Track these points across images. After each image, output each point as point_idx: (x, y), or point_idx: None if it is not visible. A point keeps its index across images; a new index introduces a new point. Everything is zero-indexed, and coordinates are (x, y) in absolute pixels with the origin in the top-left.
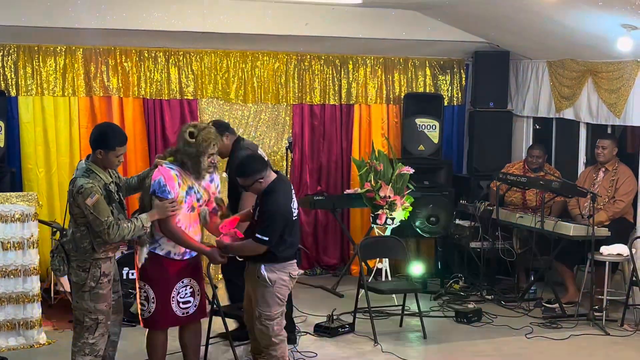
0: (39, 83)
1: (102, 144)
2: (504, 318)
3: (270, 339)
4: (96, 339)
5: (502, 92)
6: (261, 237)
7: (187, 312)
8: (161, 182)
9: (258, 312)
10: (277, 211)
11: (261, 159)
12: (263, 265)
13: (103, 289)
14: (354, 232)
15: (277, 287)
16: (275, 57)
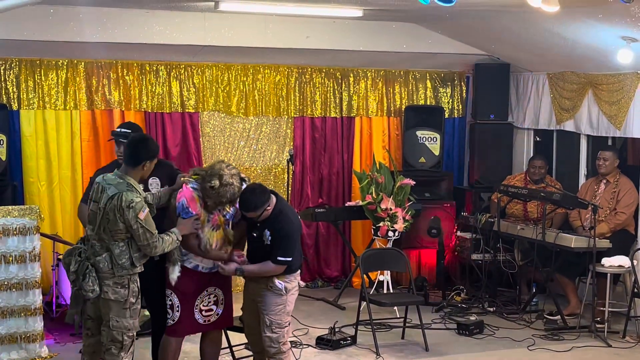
0: (41, 96)
1: (149, 155)
2: (506, 330)
3: (280, 347)
4: (129, 356)
5: (503, 104)
6: (284, 259)
7: (209, 319)
8: (184, 204)
9: (269, 321)
10: (293, 230)
11: (262, 188)
12: (276, 278)
13: (136, 304)
14: (355, 244)
15: (289, 295)
16: (277, 70)
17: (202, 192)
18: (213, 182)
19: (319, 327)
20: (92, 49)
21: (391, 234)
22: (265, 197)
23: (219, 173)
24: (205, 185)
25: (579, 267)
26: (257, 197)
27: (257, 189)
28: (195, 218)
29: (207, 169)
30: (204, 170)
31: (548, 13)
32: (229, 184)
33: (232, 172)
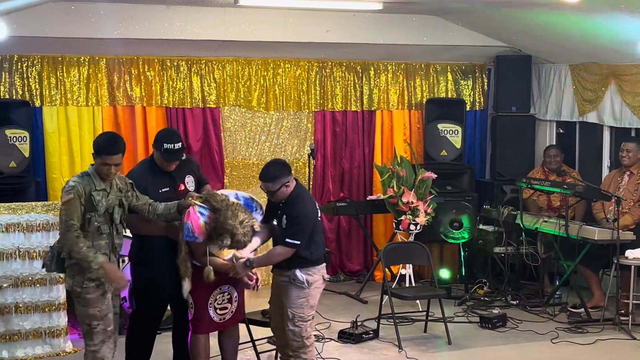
0: (63, 93)
1: (94, 149)
2: (529, 323)
3: (303, 340)
4: (97, 346)
5: (525, 97)
6: (292, 241)
7: (224, 317)
8: (190, 228)
9: (291, 314)
10: (306, 215)
11: (284, 163)
12: (298, 270)
13: (90, 293)
14: (377, 238)
15: (313, 289)
16: (297, 64)
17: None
18: (224, 240)
19: (341, 321)
20: (113, 45)
21: (413, 228)
22: (285, 170)
23: (232, 232)
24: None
25: (602, 259)
26: (276, 168)
27: (278, 161)
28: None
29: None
30: (217, 203)
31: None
32: (240, 242)
33: (246, 230)
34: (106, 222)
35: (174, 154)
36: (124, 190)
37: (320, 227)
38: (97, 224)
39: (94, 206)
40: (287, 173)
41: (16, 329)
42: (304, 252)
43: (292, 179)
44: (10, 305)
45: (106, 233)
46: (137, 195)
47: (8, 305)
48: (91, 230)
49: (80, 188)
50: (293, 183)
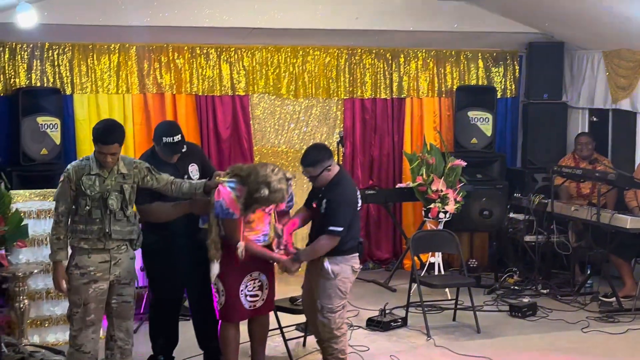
0: (94, 81)
1: (93, 138)
2: (560, 312)
3: (332, 331)
4: (76, 332)
5: (557, 84)
6: (334, 228)
7: (255, 305)
8: (223, 205)
9: (320, 305)
10: (345, 201)
11: (325, 147)
12: (326, 258)
13: (73, 281)
14: (406, 226)
15: (340, 279)
16: (326, 51)
17: (247, 196)
18: (262, 191)
19: (369, 309)
20: (143, 32)
21: (442, 216)
22: (325, 154)
23: (266, 181)
24: (253, 194)
25: (634, 248)
26: (316, 153)
27: (319, 145)
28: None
29: (249, 171)
30: (244, 171)
31: None
32: (278, 190)
33: (279, 177)
34: (99, 207)
35: (174, 146)
36: (132, 177)
37: (358, 218)
38: (88, 207)
39: (84, 191)
40: (328, 157)
41: (47, 315)
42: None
43: (334, 164)
44: (41, 291)
45: (98, 218)
46: (157, 178)
47: (39, 291)
48: (83, 214)
49: (72, 173)
50: (335, 168)
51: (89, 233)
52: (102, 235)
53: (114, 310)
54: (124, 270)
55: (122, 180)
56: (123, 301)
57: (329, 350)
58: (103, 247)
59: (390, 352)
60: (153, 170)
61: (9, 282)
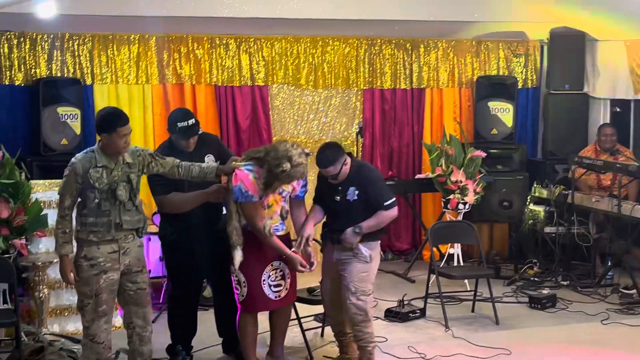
0: (114, 71)
1: (103, 128)
2: (580, 304)
3: (367, 314)
4: (88, 322)
5: (578, 74)
6: (390, 201)
7: (280, 295)
8: (242, 188)
9: (354, 288)
10: (380, 175)
11: (337, 144)
12: (360, 244)
13: (82, 272)
14: (426, 217)
15: (373, 263)
16: (346, 42)
17: (267, 174)
18: (284, 165)
19: (388, 300)
20: (162, 23)
21: (461, 207)
22: (340, 150)
23: (287, 155)
24: (274, 170)
25: None
26: (333, 151)
27: (331, 144)
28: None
29: (267, 150)
30: (260, 152)
31: None
32: (299, 164)
33: (299, 151)
34: (108, 199)
35: (190, 129)
36: (136, 165)
37: None
38: (97, 200)
39: (91, 183)
40: (342, 152)
41: (66, 304)
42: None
43: (346, 156)
44: (61, 281)
45: (107, 210)
46: (161, 163)
47: (59, 280)
48: (92, 206)
49: (79, 166)
50: (349, 159)
51: (99, 225)
52: (112, 226)
53: (131, 298)
54: (134, 259)
55: (128, 169)
56: (138, 288)
57: (360, 335)
58: (112, 238)
59: (408, 343)
60: (157, 155)
61: (29, 272)
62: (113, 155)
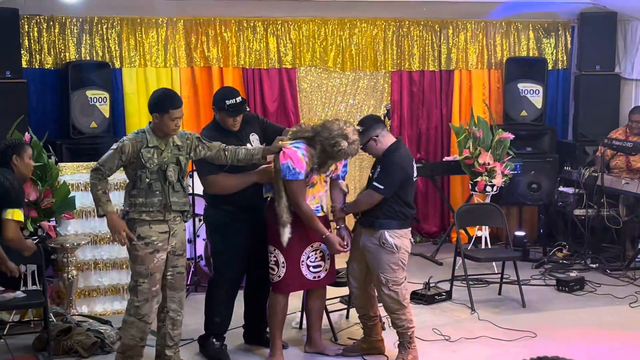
0: (142, 54)
1: (156, 108)
2: (608, 287)
3: (400, 302)
4: (140, 302)
5: (610, 55)
6: (377, 185)
7: (318, 276)
8: (290, 165)
9: (385, 279)
10: (395, 162)
11: (374, 117)
12: (387, 232)
13: (138, 251)
14: (453, 200)
15: (402, 252)
16: (374, 23)
17: (318, 144)
18: (342, 144)
19: (414, 282)
20: (190, 6)
21: (489, 189)
22: (371, 123)
23: (343, 133)
24: (330, 135)
25: None
26: (364, 124)
27: (367, 116)
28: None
29: (317, 130)
30: (308, 132)
31: None
32: (354, 141)
33: (352, 129)
34: (159, 179)
35: (239, 107)
36: (185, 148)
37: (413, 189)
38: (149, 180)
39: (143, 163)
40: (374, 126)
41: (95, 285)
42: (395, 207)
43: (385, 134)
44: (89, 262)
45: (158, 190)
46: (208, 146)
47: (87, 262)
48: (143, 187)
49: (129, 146)
50: (387, 139)
51: (149, 205)
52: (162, 207)
53: (168, 282)
54: (179, 242)
55: (178, 151)
56: (177, 272)
57: (398, 322)
58: (163, 219)
59: (434, 326)
60: (203, 139)
61: (58, 253)
62: (163, 137)
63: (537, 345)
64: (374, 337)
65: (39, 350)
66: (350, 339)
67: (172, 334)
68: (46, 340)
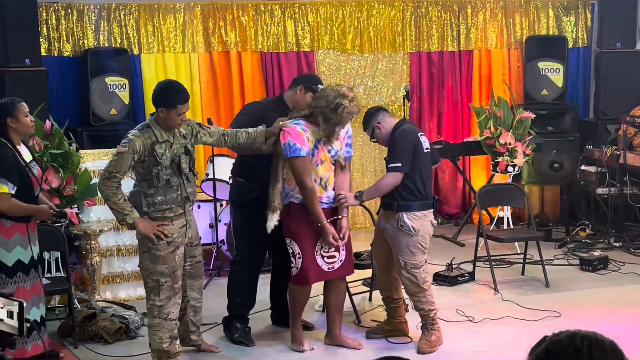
0: (160, 40)
1: (163, 102)
2: (632, 265)
3: (419, 285)
4: (163, 301)
5: (630, 32)
6: (395, 164)
7: (333, 267)
8: (290, 142)
9: (403, 262)
10: (400, 137)
11: (373, 108)
12: (405, 214)
13: (160, 251)
14: (474, 181)
15: (421, 235)
16: (391, 4)
17: (319, 115)
18: (343, 102)
19: (436, 264)
20: None
21: (511, 169)
22: (370, 116)
23: (340, 94)
24: (327, 101)
25: None
26: (366, 117)
27: (368, 110)
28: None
29: (314, 103)
30: (304, 110)
31: None
32: (354, 98)
33: (346, 87)
34: (175, 173)
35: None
36: (189, 135)
37: (428, 165)
38: (166, 177)
39: (158, 160)
40: (374, 115)
41: (118, 271)
42: (411, 185)
43: (387, 119)
44: (112, 248)
45: (176, 185)
46: (209, 132)
47: (110, 248)
48: (161, 184)
49: (139, 144)
50: (390, 122)
51: (170, 202)
52: (181, 200)
53: (187, 272)
54: (194, 232)
55: (184, 140)
56: (196, 262)
57: (419, 305)
58: (183, 212)
59: (457, 307)
60: (203, 125)
61: (81, 240)
62: (169, 129)
63: (562, 325)
64: (397, 319)
65: (64, 336)
66: (374, 320)
67: (194, 320)
68: (71, 326)
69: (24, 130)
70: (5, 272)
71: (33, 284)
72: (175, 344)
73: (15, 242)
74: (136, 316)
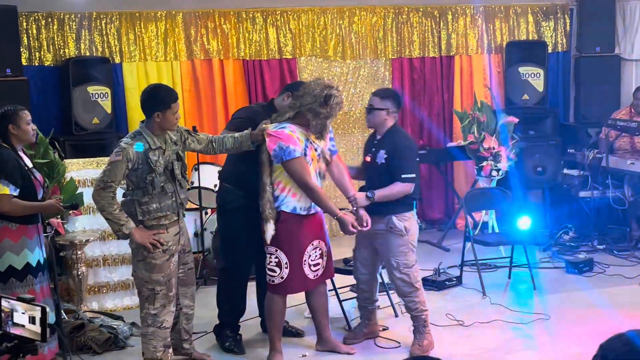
0: (142, 49)
1: (157, 105)
2: (617, 267)
3: (412, 285)
4: (157, 310)
5: (609, 36)
6: (407, 175)
7: (317, 274)
8: (282, 146)
9: (395, 263)
10: (409, 146)
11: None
12: (394, 216)
13: (156, 259)
14: (458, 186)
15: (411, 234)
16: (373, 11)
17: (306, 112)
18: (332, 92)
19: (423, 269)
20: None
21: (495, 174)
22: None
23: (324, 85)
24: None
25: None
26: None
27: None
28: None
29: (294, 105)
30: (286, 113)
31: None
32: (337, 87)
33: (324, 78)
34: (168, 180)
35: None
36: (179, 141)
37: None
38: (161, 184)
39: (152, 167)
40: (392, 103)
41: (104, 281)
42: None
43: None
44: (98, 258)
45: (171, 191)
46: (197, 138)
47: (96, 257)
48: (156, 192)
49: (132, 152)
50: (393, 120)
51: (165, 209)
52: (176, 207)
53: (180, 280)
54: (186, 239)
55: (175, 146)
56: (188, 269)
57: (412, 305)
58: (177, 219)
59: (446, 311)
60: (191, 132)
61: (67, 250)
62: (161, 134)
63: (552, 327)
64: (374, 321)
65: None
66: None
67: (186, 328)
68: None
69: (25, 137)
70: (15, 275)
71: (42, 287)
72: (168, 352)
73: (23, 245)
74: (125, 326)
